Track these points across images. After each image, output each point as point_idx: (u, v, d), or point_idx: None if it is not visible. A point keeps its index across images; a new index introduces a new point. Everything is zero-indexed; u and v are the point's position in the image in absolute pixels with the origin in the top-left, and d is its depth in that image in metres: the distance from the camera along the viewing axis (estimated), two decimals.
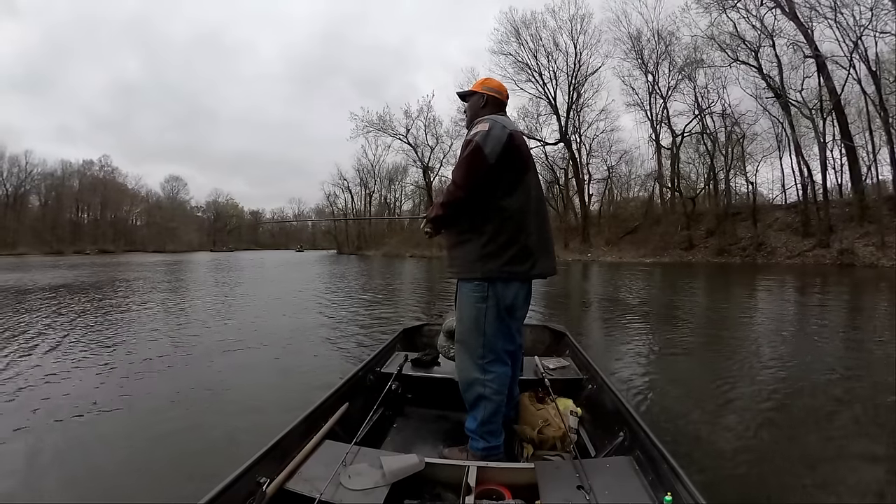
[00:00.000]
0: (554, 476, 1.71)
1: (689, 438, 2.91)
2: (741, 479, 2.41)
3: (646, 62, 35.66)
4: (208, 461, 2.63)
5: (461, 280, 2.11)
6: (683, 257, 29.58)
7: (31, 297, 11.01)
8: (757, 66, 29.19)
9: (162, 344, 5.92)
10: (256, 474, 1.62)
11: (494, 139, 1.95)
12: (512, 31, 39.09)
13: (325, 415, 2.19)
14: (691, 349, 5.63)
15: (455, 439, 2.29)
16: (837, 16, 24.45)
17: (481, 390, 2.04)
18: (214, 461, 2.52)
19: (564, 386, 2.71)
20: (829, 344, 5.80)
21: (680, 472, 1.53)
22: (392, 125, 49.12)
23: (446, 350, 2.90)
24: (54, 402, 3.76)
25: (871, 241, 22.06)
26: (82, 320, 7.68)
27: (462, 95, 2.38)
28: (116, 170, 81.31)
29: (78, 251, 60.02)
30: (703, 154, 34.09)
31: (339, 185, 63.88)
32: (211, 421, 3.36)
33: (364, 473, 1.74)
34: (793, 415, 3.39)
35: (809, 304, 10.26)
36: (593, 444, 2.26)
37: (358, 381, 2.72)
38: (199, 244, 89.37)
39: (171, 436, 3.10)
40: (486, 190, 1.98)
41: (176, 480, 2.49)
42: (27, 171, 67.53)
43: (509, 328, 2.12)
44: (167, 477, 2.56)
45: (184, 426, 3.27)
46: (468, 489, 1.63)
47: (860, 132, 26.51)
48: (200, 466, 2.57)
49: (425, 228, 2.28)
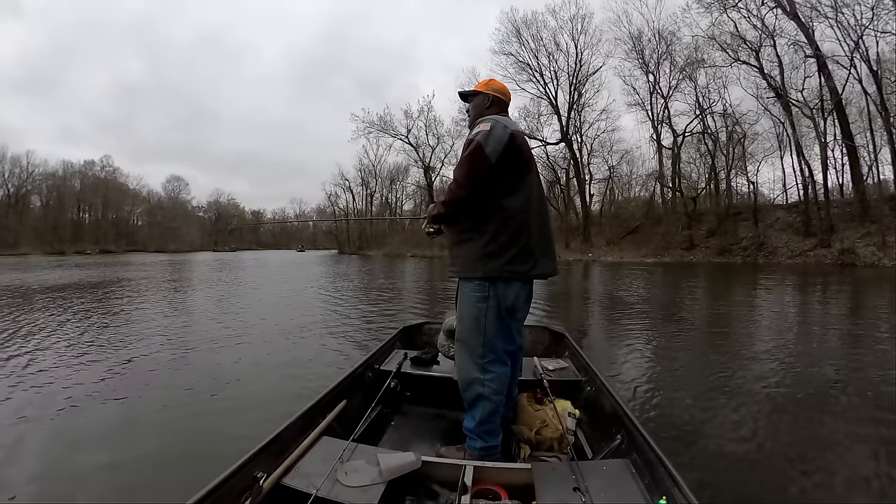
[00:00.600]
0: (550, 477, 1.71)
1: (687, 441, 2.91)
2: (740, 483, 2.42)
3: (647, 62, 35.66)
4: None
5: (462, 279, 2.12)
6: (685, 257, 29.55)
7: (43, 297, 11.05)
8: (758, 66, 29.17)
9: (188, 339, 6.21)
10: (253, 469, 1.63)
11: (496, 139, 1.96)
12: (513, 31, 39.13)
13: (324, 411, 2.20)
14: (692, 349, 5.64)
15: (453, 438, 2.30)
16: (838, 15, 24.49)
17: (480, 390, 2.04)
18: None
19: (563, 387, 2.71)
20: (831, 343, 5.82)
21: (676, 475, 1.53)
22: (393, 125, 49.21)
23: (446, 349, 2.90)
24: (81, 389, 4.04)
25: (873, 240, 22.04)
26: (101, 318, 7.81)
27: (464, 95, 2.38)
28: (118, 170, 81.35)
29: (79, 251, 60.00)
30: (705, 154, 34.14)
31: (341, 185, 64.05)
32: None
33: (361, 470, 1.75)
34: (795, 416, 3.37)
35: (811, 303, 10.26)
36: (590, 446, 2.26)
37: (357, 377, 2.73)
38: (201, 244, 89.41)
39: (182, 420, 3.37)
40: (487, 189, 1.99)
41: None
42: (29, 172, 67.59)
43: (509, 328, 2.12)
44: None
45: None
46: (464, 488, 1.63)
47: (861, 132, 26.57)
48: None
49: (427, 228, 2.30)
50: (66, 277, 17.52)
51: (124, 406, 3.68)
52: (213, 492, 1.46)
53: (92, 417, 3.43)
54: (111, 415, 3.50)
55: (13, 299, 10.50)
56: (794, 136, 28.23)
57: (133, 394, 3.96)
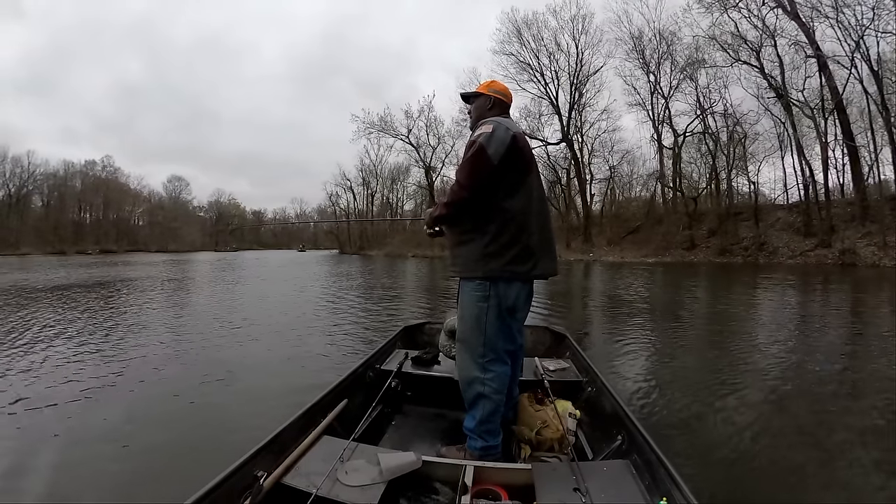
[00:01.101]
0: (550, 478, 1.71)
1: (687, 441, 2.91)
2: (739, 484, 2.42)
3: (647, 62, 35.59)
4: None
5: (463, 279, 2.13)
6: (685, 257, 29.52)
7: (50, 296, 11.08)
8: (758, 66, 29.14)
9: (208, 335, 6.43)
10: (254, 468, 1.64)
11: (498, 140, 1.97)
12: (514, 32, 39.10)
13: (324, 410, 2.20)
14: (694, 350, 5.63)
15: (453, 438, 2.30)
16: (839, 15, 24.45)
17: (481, 389, 2.05)
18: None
19: (564, 388, 2.70)
20: (834, 342, 5.81)
21: (676, 476, 1.53)
22: (393, 126, 49.18)
23: (448, 349, 2.90)
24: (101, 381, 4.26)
25: (873, 241, 22.01)
26: (114, 317, 7.92)
27: (466, 97, 2.39)
28: (119, 170, 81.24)
29: (80, 251, 60.02)
30: (705, 154, 34.08)
31: (342, 185, 64.00)
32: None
33: (361, 470, 1.75)
34: (797, 417, 3.37)
35: (812, 303, 10.25)
36: (591, 446, 2.26)
37: (357, 377, 2.74)
38: (202, 244, 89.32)
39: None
40: (489, 190, 1.99)
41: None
42: (30, 172, 67.47)
43: (510, 328, 2.13)
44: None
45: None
46: (465, 488, 1.63)
47: (862, 132, 26.50)
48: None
49: (429, 230, 2.31)
50: (72, 277, 17.51)
51: (158, 391, 4.02)
52: (213, 490, 1.47)
53: (110, 407, 3.60)
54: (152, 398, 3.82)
55: (23, 299, 10.51)
56: (795, 136, 28.21)
57: (161, 387, 4.14)
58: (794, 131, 28.22)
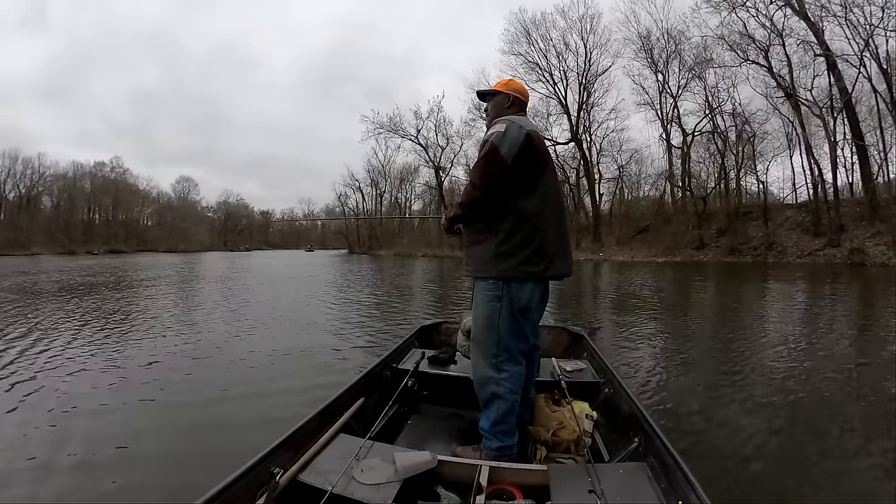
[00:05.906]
0: (566, 479, 1.71)
1: (704, 444, 2.88)
2: (757, 488, 2.39)
3: (656, 62, 35.54)
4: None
5: (477, 279, 2.13)
6: (695, 256, 29.39)
7: (68, 295, 11.19)
8: (767, 66, 28.97)
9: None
10: (270, 464, 1.65)
11: (511, 139, 1.97)
12: (522, 32, 39.15)
13: (341, 408, 2.22)
14: (708, 350, 5.58)
15: (469, 438, 2.30)
16: (848, 14, 24.27)
17: (495, 389, 2.04)
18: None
19: (581, 389, 2.69)
20: (849, 343, 5.78)
21: (693, 480, 1.51)
22: (402, 126, 49.16)
23: (466, 349, 2.89)
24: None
25: (882, 240, 21.85)
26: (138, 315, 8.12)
27: (482, 95, 2.39)
28: (128, 171, 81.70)
29: (89, 251, 60.35)
30: (714, 153, 33.99)
31: (350, 185, 63.99)
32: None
33: (377, 468, 1.76)
34: (811, 421, 3.31)
35: (823, 302, 10.14)
36: (607, 448, 2.26)
37: (374, 376, 2.75)
38: (211, 244, 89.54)
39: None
40: (503, 190, 1.99)
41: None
42: (40, 173, 68.10)
43: (523, 328, 2.12)
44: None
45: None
46: (479, 488, 1.64)
47: (871, 130, 26.31)
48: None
49: (447, 231, 2.32)
50: (84, 277, 17.59)
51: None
52: (230, 486, 1.49)
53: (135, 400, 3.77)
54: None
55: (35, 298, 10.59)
56: (804, 135, 28.11)
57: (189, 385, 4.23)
58: (802, 130, 28.10)
